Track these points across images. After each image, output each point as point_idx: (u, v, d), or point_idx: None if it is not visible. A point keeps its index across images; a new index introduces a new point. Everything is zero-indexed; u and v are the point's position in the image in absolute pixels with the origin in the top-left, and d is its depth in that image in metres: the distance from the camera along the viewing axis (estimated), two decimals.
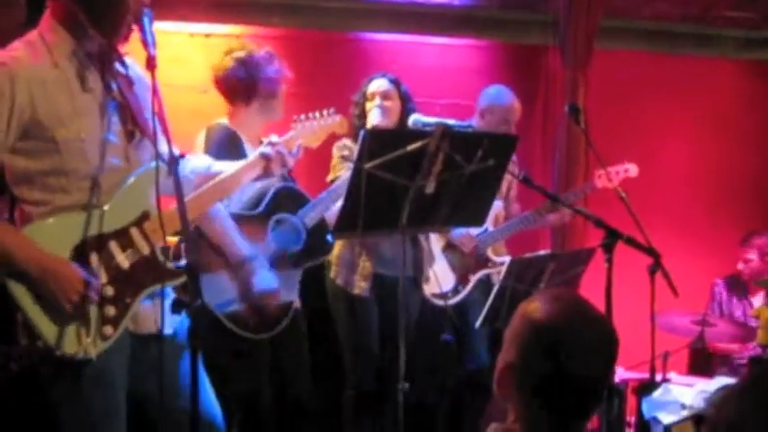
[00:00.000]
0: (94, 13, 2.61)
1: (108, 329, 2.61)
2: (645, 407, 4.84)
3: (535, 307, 1.81)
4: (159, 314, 2.72)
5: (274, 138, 3.05)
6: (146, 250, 2.70)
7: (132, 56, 2.83)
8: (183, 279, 2.75)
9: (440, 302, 4.34)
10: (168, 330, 2.77)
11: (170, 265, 2.74)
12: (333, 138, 3.81)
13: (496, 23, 6.06)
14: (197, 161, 3.06)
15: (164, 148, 2.63)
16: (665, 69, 6.42)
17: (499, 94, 4.98)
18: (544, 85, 6.05)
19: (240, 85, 3.87)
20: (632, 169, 5.09)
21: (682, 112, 6.50)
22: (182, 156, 2.61)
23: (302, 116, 3.42)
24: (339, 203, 3.37)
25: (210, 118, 5.67)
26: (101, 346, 2.59)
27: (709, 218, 6.56)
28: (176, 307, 2.82)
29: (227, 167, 3.01)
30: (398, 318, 3.17)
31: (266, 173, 3.05)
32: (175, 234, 2.64)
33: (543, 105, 6.01)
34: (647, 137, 6.29)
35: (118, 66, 2.76)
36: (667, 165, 6.38)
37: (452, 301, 4.37)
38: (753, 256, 5.96)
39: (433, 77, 5.10)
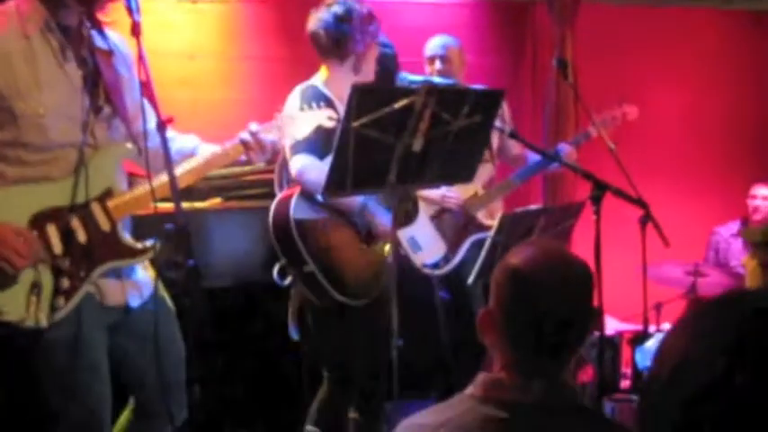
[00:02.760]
0: None
1: (60, 301, 2.60)
2: (639, 357, 4.90)
3: (513, 254, 1.87)
4: (126, 287, 2.77)
5: (254, 126, 2.98)
6: (106, 226, 2.69)
7: (117, 24, 2.80)
8: (145, 258, 2.76)
9: (430, 272, 4.35)
10: (137, 302, 2.81)
11: (132, 243, 2.74)
12: None
13: None
14: (185, 141, 3.02)
15: (150, 118, 2.62)
16: (653, 22, 6.42)
17: (429, 40, 4.96)
18: (532, 40, 6.06)
19: (334, 40, 3.65)
20: (631, 111, 4.85)
21: (670, 63, 6.51)
22: (169, 121, 2.60)
23: (293, 101, 3.32)
24: None
25: (198, 85, 5.71)
26: (51, 316, 2.58)
27: (702, 167, 6.60)
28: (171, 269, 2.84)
29: (211, 151, 2.97)
30: (390, 277, 3.20)
31: (247, 160, 3.02)
32: (163, 200, 2.63)
33: (532, 61, 6.02)
34: (636, 90, 6.27)
35: (96, 37, 2.73)
36: (658, 116, 6.38)
37: (444, 270, 4.37)
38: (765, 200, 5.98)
39: (421, 37, 5.09)
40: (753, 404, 0.78)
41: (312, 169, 3.39)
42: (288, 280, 3.53)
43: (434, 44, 4.86)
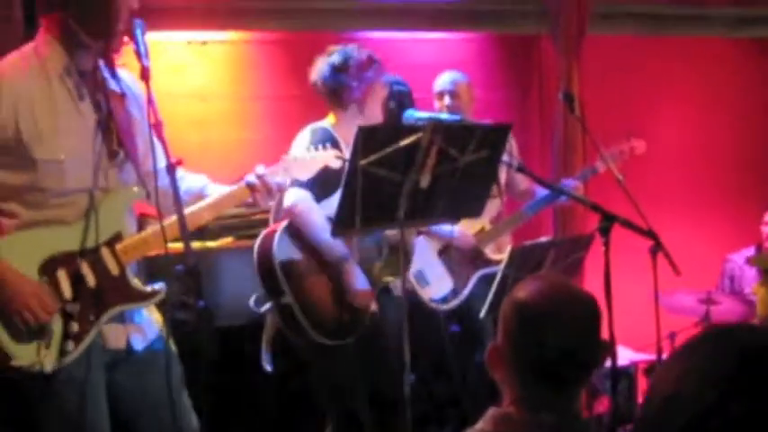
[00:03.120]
0: (85, 18, 2.60)
1: (70, 345, 2.61)
2: None
3: (519, 288, 1.89)
4: (130, 330, 2.78)
5: (260, 169, 2.99)
6: (115, 271, 2.71)
7: (129, 66, 2.82)
8: (153, 301, 2.77)
9: (437, 307, 4.36)
10: (139, 346, 2.81)
11: (141, 287, 2.76)
12: None
13: (488, 15, 6.09)
14: (193, 180, 3.03)
15: (160, 159, 2.64)
16: (658, 52, 6.45)
17: (438, 77, 5.01)
18: (538, 74, 6.09)
19: (331, 90, 3.78)
20: (639, 146, 4.89)
21: (677, 93, 6.54)
22: (179, 163, 2.63)
23: (300, 143, 3.35)
24: None
25: (210, 126, 5.77)
26: (60, 361, 2.60)
27: (712, 195, 6.60)
28: (181, 310, 2.86)
29: (218, 193, 2.98)
30: (401, 311, 3.22)
31: (253, 203, 3.04)
32: (174, 240, 2.65)
33: (539, 94, 6.05)
34: (644, 120, 6.32)
35: (109, 80, 2.76)
36: (665, 145, 6.40)
37: (451, 305, 4.38)
38: None
39: (429, 73, 5.13)
40: None
41: (305, 203, 3.44)
42: (265, 308, 3.54)
43: (443, 80, 4.92)
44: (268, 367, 3.58)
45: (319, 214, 3.51)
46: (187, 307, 2.30)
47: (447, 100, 4.81)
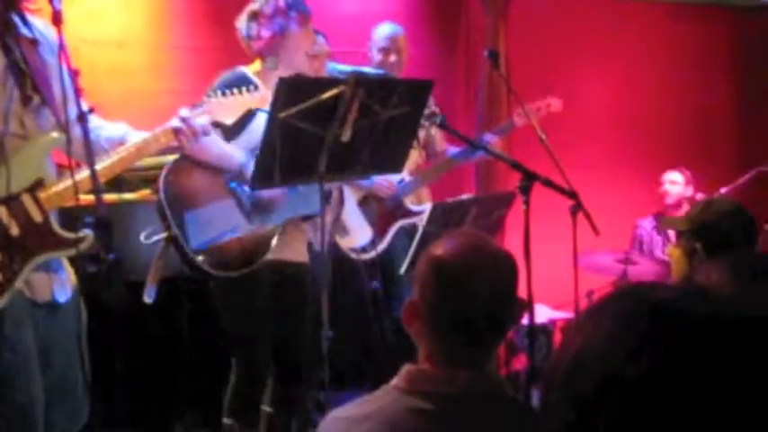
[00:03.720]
0: None
1: None
2: None
3: (436, 245, 1.87)
4: (54, 282, 2.71)
5: (185, 111, 2.92)
6: (38, 218, 2.64)
7: (43, 12, 2.74)
8: (82, 248, 2.69)
9: (357, 257, 4.35)
10: (64, 297, 2.75)
11: (66, 233, 2.69)
12: None
13: None
14: (113, 129, 2.95)
15: (72, 108, 2.57)
16: (584, 13, 6.48)
17: (377, 30, 4.96)
18: (465, 31, 6.08)
19: (246, 38, 3.64)
20: (554, 103, 4.92)
21: (599, 54, 6.59)
22: (91, 110, 2.56)
23: (217, 88, 3.22)
24: None
25: (129, 74, 5.62)
26: None
27: (632, 157, 6.70)
28: (91, 262, 2.79)
29: (141, 137, 2.89)
30: (320, 267, 3.19)
31: (178, 146, 2.96)
32: (89, 192, 2.57)
33: (465, 51, 6.04)
34: (569, 79, 6.36)
35: (21, 26, 2.68)
36: (589, 106, 6.47)
37: (370, 255, 4.37)
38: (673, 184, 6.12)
39: (354, 26, 5.07)
40: (646, 402, 0.78)
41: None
42: (154, 239, 3.43)
43: (386, 34, 4.85)
44: (148, 299, 3.36)
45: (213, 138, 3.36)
46: (98, 260, 2.23)
47: (393, 57, 4.75)
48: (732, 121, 7.04)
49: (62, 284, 2.77)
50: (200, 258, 3.33)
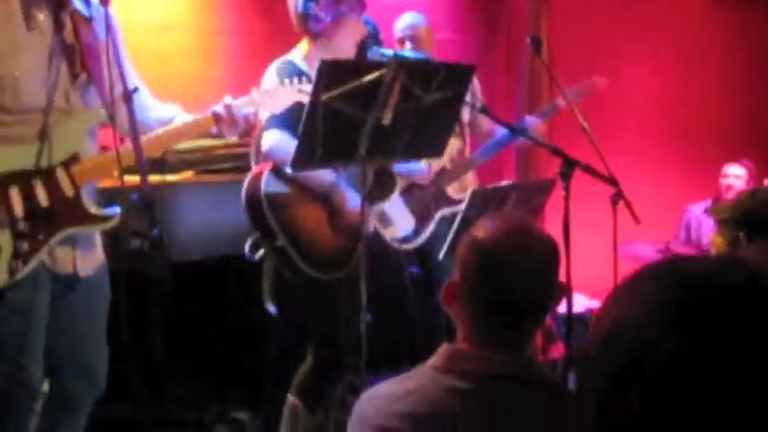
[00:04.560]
0: None
1: (18, 264, 2.61)
2: None
3: (478, 227, 1.87)
4: (78, 257, 2.77)
5: (228, 99, 2.95)
6: (69, 192, 2.69)
7: None
8: (107, 226, 2.76)
9: (401, 246, 4.35)
10: (86, 272, 2.81)
11: (96, 210, 2.74)
12: None
13: None
14: (164, 110, 3.01)
15: (119, 85, 2.61)
16: (629, 2, 6.42)
17: (399, 19, 4.93)
18: (506, 17, 6.05)
19: (301, 17, 3.65)
20: (600, 82, 4.80)
21: (644, 42, 6.52)
22: (135, 90, 2.59)
23: (269, 77, 3.20)
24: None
25: (172, 58, 5.65)
26: (8, 278, 2.60)
27: (680, 144, 6.62)
28: (135, 238, 2.83)
29: (182, 120, 2.96)
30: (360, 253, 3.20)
31: (218, 132, 2.99)
32: (131, 171, 2.62)
33: (506, 37, 6.01)
34: (613, 65, 6.30)
35: (77, 3, 2.74)
36: (634, 96, 6.41)
37: (413, 244, 4.37)
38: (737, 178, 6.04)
39: (395, 11, 5.06)
40: (681, 374, 0.78)
41: (282, 145, 3.37)
42: (259, 254, 3.52)
43: (403, 24, 4.82)
44: (272, 309, 3.59)
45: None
46: (141, 235, 2.26)
47: (408, 45, 4.73)
48: None
49: (86, 260, 2.82)
50: (308, 269, 3.47)
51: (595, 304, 5.56)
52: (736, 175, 6.08)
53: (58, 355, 2.81)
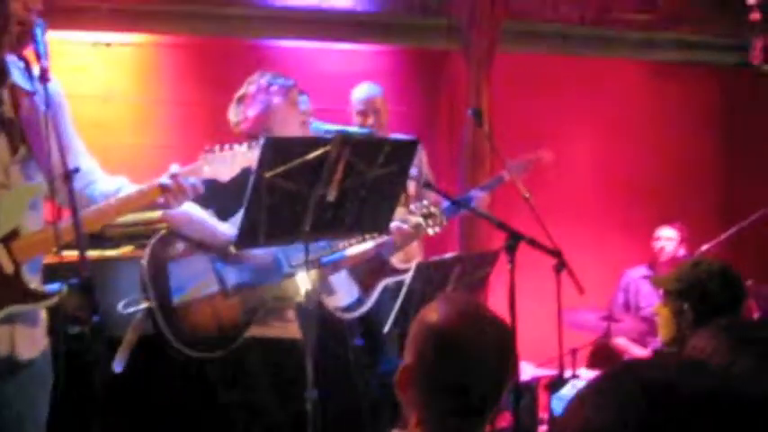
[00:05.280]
0: None
1: None
2: (555, 403, 4.93)
3: (430, 310, 1.86)
4: (17, 336, 2.66)
5: (175, 168, 2.90)
6: (9, 269, 2.62)
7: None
8: (50, 303, 2.68)
9: (344, 315, 4.32)
10: (27, 355, 2.70)
11: (37, 287, 2.67)
12: None
13: (399, 28, 6.11)
14: (109, 183, 2.94)
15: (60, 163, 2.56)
16: (568, 71, 6.55)
17: (355, 90, 5.01)
18: (448, 89, 6.12)
19: (236, 128, 3.72)
20: (546, 155, 4.94)
21: (585, 112, 6.65)
22: (75, 170, 2.54)
23: (216, 147, 3.07)
24: None
25: (112, 128, 5.61)
26: None
27: (617, 213, 6.72)
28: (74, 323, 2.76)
29: (126, 193, 2.89)
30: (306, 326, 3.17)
31: (164, 203, 2.92)
32: (68, 247, 2.55)
33: (448, 109, 6.07)
34: (552, 138, 6.40)
35: (19, 76, 2.71)
36: (572, 164, 6.50)
37: (357, 313, 4.34)
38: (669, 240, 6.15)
39: (337, 84, 5.10)
40: None
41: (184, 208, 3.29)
42: (132, 309, 3.41)
43: (363, 97, 4.89)
44: (117, 368, 3.34)
45: (201, 212, 3.40)
46: (81, 321, 2.20)
47: (371, 119, 4.79)
48: (714, 178, 7.10)
49: (28, 341, 2.71)
50: (173, 339, 3.32)
51: (541, 372, 5.56)
52: (668, 237, 6.21)
53: None
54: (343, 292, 4.30)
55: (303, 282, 3.34)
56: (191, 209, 3.26)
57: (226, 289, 3.42)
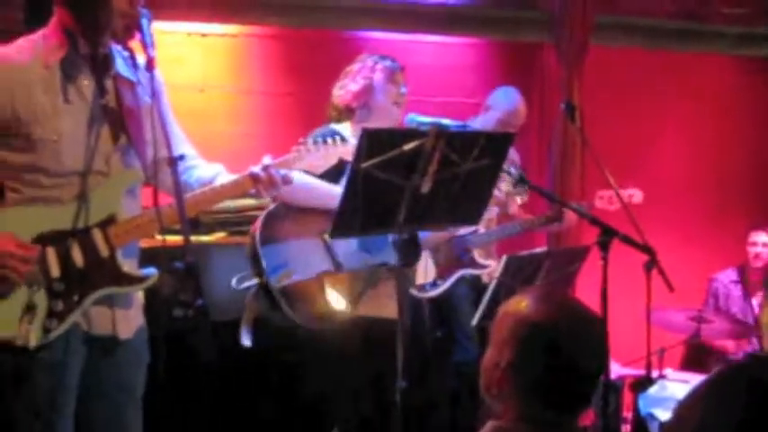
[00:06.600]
0: (82, 21, 2.67)
1: (53, 323, 2.62)
2: (641, 403, 4.87)
3: (528, 306, 1.85)
4: (117, 317, 2.77)
5: (267, 159, 2.95)
6: (105, 253, 2.70)
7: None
8: (143, 286, 2.76)
9: (418, 294, 4.35)
10: (126, 334, 2.80)
11: (132, 271, 2.75)
12: None
13: (491, 21, 6.08)
14: (206, 170, 3.02)
15: (164, 149, 2.62)
16: (661, 66, 6.44)
17: (505, 96, 5.03)
18: (539, 83, 6.07)
19: (336, 100, 3.85)
20: (637, 195, 5.00)
21: (678, 108, 6.53)
22: (180, 157, 2.62)
23: (309, 139, 3.12)
24: None
25: (207, 117, 5.73)
26: (43, 337, 2.60)
27: (707, 213, 6.60)
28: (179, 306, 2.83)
29: (221, 182, 2.95)
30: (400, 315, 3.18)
31: (256, 193, 2.97)
32: (170, 231, 2.62)
33: (539, 103, 6.02)
34: (644, 133, 6.32)
35: (122, 66, 2.79)
36: (664, 160, 6.41)
37: (430, 294, 4.37)
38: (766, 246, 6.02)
39: (428, 76, 5.12)
40: None
41: (308, 181, 3.36)
42: (245, 284, 3.48)
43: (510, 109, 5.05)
44: (247, 342, 3.46)
45: (313, 178, 3.41)
46: (185, 305, 2.26)
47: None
48: None
49: (126, 321, 2.81)
50: (288, 309, 3.38)
51: (627, 371, 5.51)
52: (765, 243, 6.06)
53: (92, 419, 2.80)
54: (421, 270, 4.34)
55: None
56: (303, 177, 3.28)
57: (337, 264, 3.49)
